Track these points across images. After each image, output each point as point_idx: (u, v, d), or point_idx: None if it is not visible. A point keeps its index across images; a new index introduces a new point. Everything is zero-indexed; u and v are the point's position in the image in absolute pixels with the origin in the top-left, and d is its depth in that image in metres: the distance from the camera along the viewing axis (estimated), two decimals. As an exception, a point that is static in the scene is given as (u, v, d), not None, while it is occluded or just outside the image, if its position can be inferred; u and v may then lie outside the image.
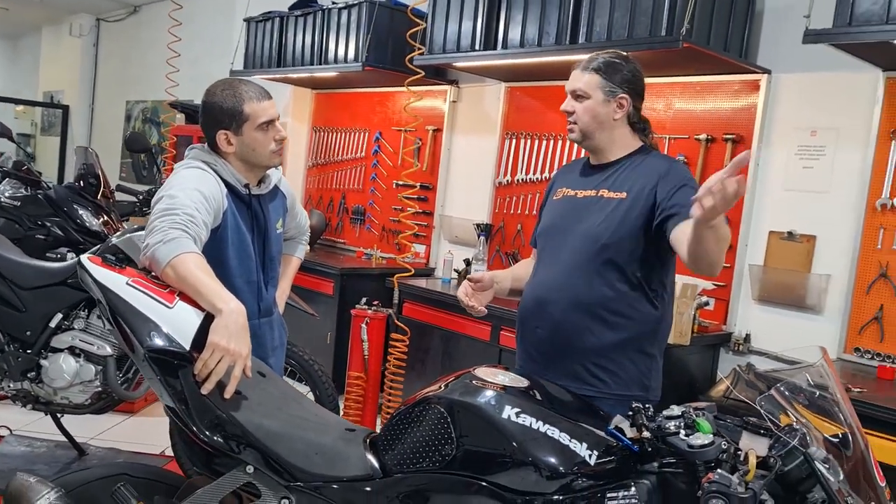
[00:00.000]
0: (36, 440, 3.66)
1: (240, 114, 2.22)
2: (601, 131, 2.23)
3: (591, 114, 2.21)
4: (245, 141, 2.25)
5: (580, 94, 2.22)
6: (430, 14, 4.44)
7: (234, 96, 2.23)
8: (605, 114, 2.21)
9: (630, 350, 2.19)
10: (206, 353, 1.63)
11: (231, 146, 2.25)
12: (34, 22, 10.59)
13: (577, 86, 2.23)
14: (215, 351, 1.64)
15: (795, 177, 3.49)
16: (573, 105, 2.24)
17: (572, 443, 1.54)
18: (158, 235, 1.88)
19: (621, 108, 2.22)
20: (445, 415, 1.59)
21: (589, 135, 2.24)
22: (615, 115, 2.22)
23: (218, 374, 1.62)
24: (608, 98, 2.20)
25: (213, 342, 1.65)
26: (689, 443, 1.51)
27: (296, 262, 2.87)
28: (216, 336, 1.66)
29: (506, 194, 4.70)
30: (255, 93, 2.25)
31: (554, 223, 2.34)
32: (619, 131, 2.25)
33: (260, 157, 2.28)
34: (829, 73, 3.37)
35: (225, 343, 1.65)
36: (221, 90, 2.26)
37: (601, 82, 2.20)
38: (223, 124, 2.24)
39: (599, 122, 2.22)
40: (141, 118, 8.87)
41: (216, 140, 2.25)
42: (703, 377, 3.65)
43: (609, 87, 2.20)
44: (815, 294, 3.38)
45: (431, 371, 4.16)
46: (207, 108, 2.26)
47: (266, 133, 2.25)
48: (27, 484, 1.58)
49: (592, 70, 2.21)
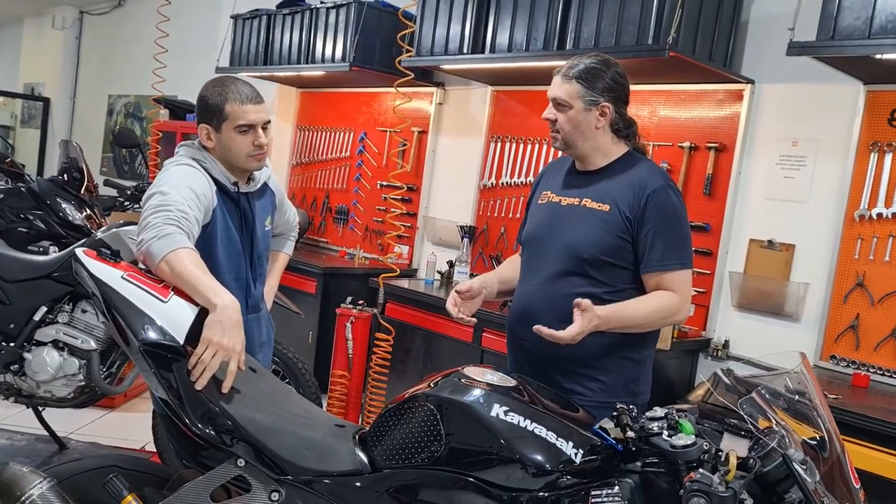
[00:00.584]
0: (16, 433, 3.65)
1: (220, 112, 2.24)
2: (584, 140, 2.21)
3: (573, 123, 2.19)
4: (223, 140, 2.26)
5: (560, 103, 2.19)
6: (418, 16, 4.47)
7: (220, 94, 2.25)
8: (587, 123, 2.18)
9: (617, 358, 2.20)
10: (200, 349, 1.65)
11: (210, 142, 2.28)
12: (16, 13, 10.47)
13: (557, 94, 2.20)
14: (209, 346, 1.66)
15: (776, 186, 3.56)
16: (554, 113, 2.21)
17: (559, 441, 1.58)
18: (153, 231, 1.90)
19: (604, 116, 2.19)
20: (435, 412, 1.62)
21: (572, 143, 2.23)
22: (597, 123, 2.19)
23: (212, 370, 1.64)
24: (589, 107, 2.17)
25: (207, 337, 1.67)
26: (671, 443, 1.55)
27: (283, 258, 2.88)
28: (210, 331, 1.67)
29: (490, 197, 4.74)
30: (242, 95, 2.25)
31: (537, 231, 2.34)
32: (602, 139, 2.22)
33: (236, 159, 2.28)
34: (811, 84, 3.44)
35: (219, 338, 1.67)
36: (213, 85, 2.29)
37: (581, 91, 2.16)
38: (205, 119, 2.27)
39: (581, 131, 2.19)
40: (123, 112, 8.81)
41: (199, 132, 2.29)
42: (681, 382, 3.71)
43: (590, 95, 2.16)
44: (794, 302, 3.45)
45: (413, 371, 4.18)
46: (198, 100, 2.30)
47: (244, 136, 2.25)
48: (20, 473, 1.59)
49: (573, 78, 2.17)
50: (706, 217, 3.76)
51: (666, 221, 2.14)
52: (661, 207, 2.13)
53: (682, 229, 2.19)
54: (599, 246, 2.15)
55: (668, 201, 2.16)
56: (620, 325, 2.10)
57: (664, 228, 2.13)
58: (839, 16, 2.82)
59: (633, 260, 2.17)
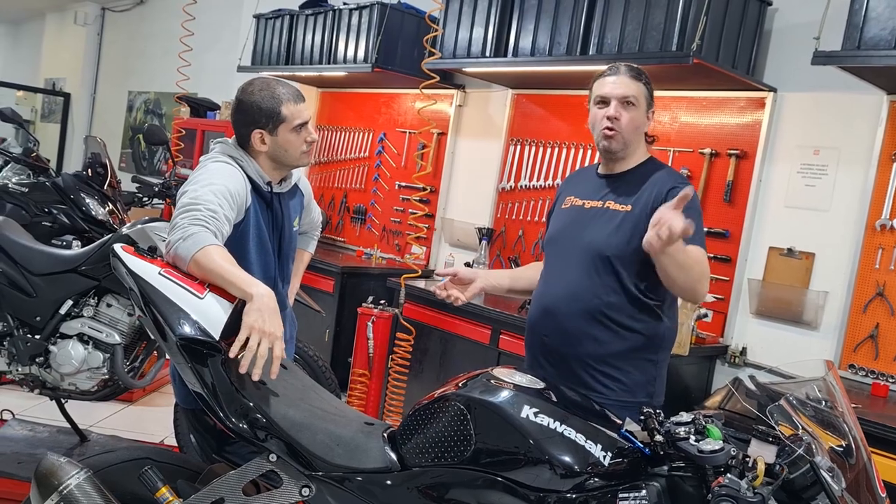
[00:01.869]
0: (38, 425, 3.68)
1: (277, 115, 2.26)
2: (636, 142, 2.27)
3: (636, 123, 2.23)
4: (279, 141, 2.29)
5: (631, 102, 2.20)
6: (442, 19, 4.49)
7: (272, 97, 2.26)
8: (643, 125, 2.26)
9: (635, 358, 2.24)
10: (242, 335, 1.68)
11: (264, 145, 2.29)
12: (38, 8, 10.57)
13: (629, 92, 2.20)
14: (253, 332, 1.69)
15: (797, 194, 3.56)
16: (620, 111, 2.20)
17: (587, 444, 1.59)
18: (179, 233, 1.91)
19: (649, 119, 2.28)
20: (465, 412, 1.64)
21: (628, 144, 2.25)
22: (646, 127, 2.28)
23: (262, 356, 1.67)
24: (647, 110, 2.25)
25: (248, 324, 1.69)
26: (699, 448, 1.56)
27: (307, 256, 2.92)
28: (251, 318, 1.70)
29: (508, 199, 4.75)
30: (292, 95, 2.30)
31: (560, 233, 2.37)
32: (641, 143, 2.31)
33: (290, 158, 2.33)
34: (833, 93, 3.44)
35: (260, 324, 1.70)
36: (259, 90, 2.28)
37: (646, 93, 2.23)
38: (259, 124, 2.26)
39: (638, 132, 2.25)
40: (143, 109, 8.88)
41: (250, 138, 2.28)
42: (698, 388, 3.71)
43: (650, 99, 2.24)
44: (812, 310, 3.45)
45: (429, 371, 4.20)
46: (244, 106, 2.29)
47: (299, 135, 2.30)
48: (57, 464, 1.62)
49: (639, 79, 2.22)
50: (726, 224, 3.77)
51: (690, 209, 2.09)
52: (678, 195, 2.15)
53: (697, 219, 2.16)
54: (623, 245, 2.18)
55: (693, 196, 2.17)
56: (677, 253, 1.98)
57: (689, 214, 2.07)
58: (865, 26, 2.83)
59: None
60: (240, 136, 2.32)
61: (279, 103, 2.26)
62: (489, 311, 3.99)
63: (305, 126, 2.32)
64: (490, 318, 3.97)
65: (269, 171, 2.35)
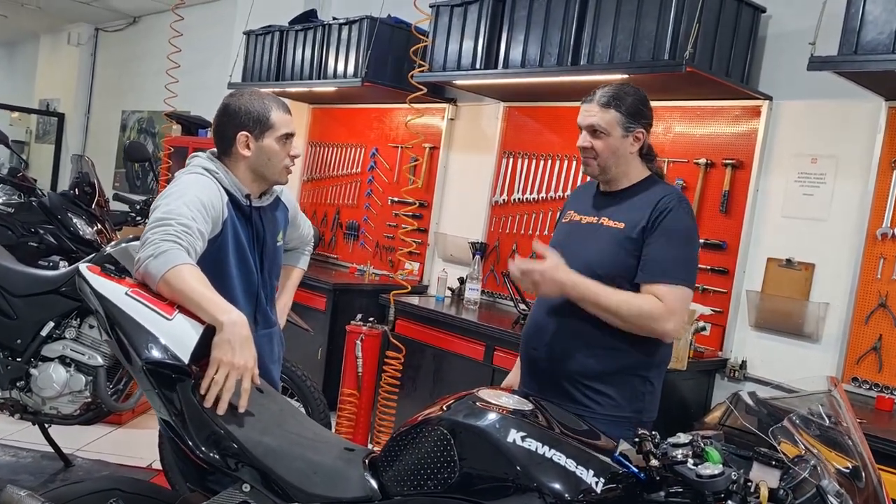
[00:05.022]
0: (21, 450, 3.60)
1: (266, 120, 2.21)
2: (617, 166, 2.25)
3: (611, 150, 2.21)
4: (263, 148, 2.23)
5: (599, 131, 2.21)
6: (431, 32, 4.44)
7: (261, 103, 2.23)
8: (623, 149, 2.22)
9: (625, 375, 2.20)
10: (211, 370, 1.60)
11: (248, 150, 2.22)
12: (32, 30, 10.57)
13: (593, 121, 2.22)
14: (221, 366, 1.60)
15: (795, 204, 3.49)
16: (590, 141, 2.23)
17: (578, 469, 1.51)
18: (150, 249, 1.82)
19: (637, 141, 2.23)
20: (448, 437, 1.55)
21: (607, 170, 2.25)
22: (631, 148, 2.23)
23: (229, 391, 1.58)
24: (626, 134, 2.21)
25: (217, 358, 1.61)
26: (697, 472, 1.48)
27: (298, 273, 2.84)
28: (219, 351, 1.62)
29: (502, 213, 4.68)
30: (280, 104, 2.27)
31: (557, 248, 2.32)
32: (632, 163, 2.27)
33: (272, 170, 2.26)
34: (830, 100, 3.38)
35: (230, 357, 1.61)
36: (248, 95, 2.25)
37: (619, 118, 2.20)
38: (247, 126, 2.21)
39: (617, 157, 2.23)
40: (136, 128, 8.84)
41: (234, 142, 2.21)
42: (697, 403, 3.62)
43: (626, 122, 2.20)
44: (813, 322, 3.37)
45: (423, 390, 4.11)
46: (232, 109, 2.23)
47: (283, 146, 2.25)
48: (17, 498, 1.53)
49: (608, 105, 2.20)
50: (722, 235, 3.70)
51: (673, 238, 2.14)
52: (671, 224, 2.15)
53: (687, 250, 2.19)
54: (612, 263, 2.17)
55: (680, 222, 2.17)
56: (587, 294, 2.09)
57: (668, 244, 2.14)
58: (862, 30, 2.76)
59: None
60: (224, 140, 2.25)
61: (268, 109, 2.23)
62: (482, 328, 3.91)
63: (291, 139, 2.28)
64: (484, 333, 3.89)
65: (248, 183, 2.28)
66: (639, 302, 2.10)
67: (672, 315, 2.10)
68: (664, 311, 2.09)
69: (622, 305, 2.08)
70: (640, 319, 2.09)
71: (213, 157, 2.29)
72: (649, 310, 2.09)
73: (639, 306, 2.09)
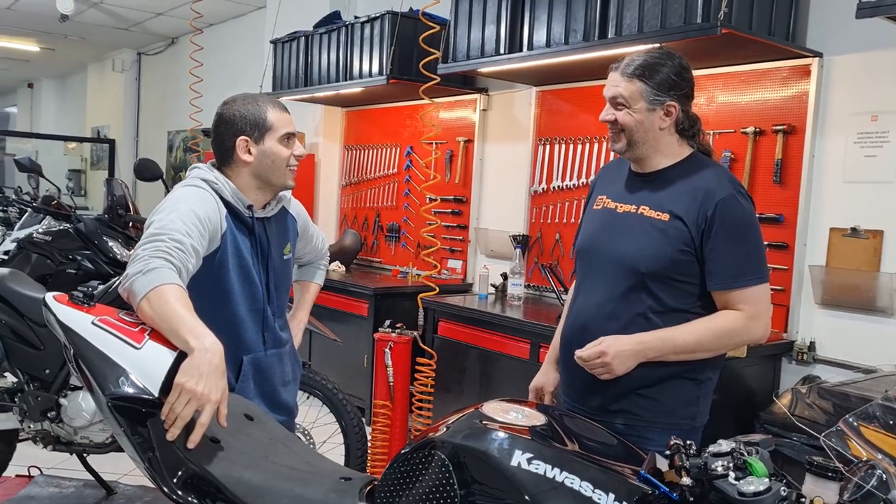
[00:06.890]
0: (64, 479, 3.56)
1: (263, 122, 2.10)
2: (646, 143, 1.99)
3: (635, 123, 1.96)
4: (265, 151, 2.11)
5: (621, 103, 1.97)
6: (452, 21, 4.26)
7: (256, 106, 2.12)
8: (651, 123, 1.96)
9: (675, 378, 1.97)
10: (172, 396, 1.45)
11: (250, 156, 2.11)
12: (80, 60, 10.81)
13: (616, 93, 1.98)
14: (182, 393, 1.46)
15: (856, 167, 3.18)
16: (613, 114, 1.99)
17: (595, 493, 1.30)
18: (139, 265, 1.71)
19: (669, 115, 1.97)
20: (447, 462, 1.36)
21: (634, 146, 2.00)
22: (662, 123, 1.97)
23: (184, 420, 1.43)
24: (653, 107, 1.95)
25: (179, 383, 1.47)
26: (739, 489, 1.25)
27: (314, 288, 2.69)
28: (183, 377, 1.47)
29: (542, 203, 4.46)
30: (276, 104, 2.16)
31: (591, 241, 2.13)
32: (666, 140, 2.00)
33: (276, 173, 2.14)
34: (886, 51, 3.06)
35: (192, 385, 1.46)
36: (241, 100, 2.15)
37: (644, 89, 1.94)
38: (245, 132, 2.10)
39: (645, 131, 1.97)
40: (182, 147, 8.92)
41: (234, 149, 2.11)
42: (763, 391, 3.34)
43: (654, 94, 1.94)
44: (886, 295, 3.06)
45: (470, 392, 3.94)
46: (226, 117, 2.12)
47: (286, 146, 2.13)
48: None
49: (633, 75, 1.95)
50: (778, 207, 3.40)
51: (736, 232, 1.90)
52: (730, 217, 1.90)
53: (754, 239, 1.96)
54: (658, 259, 1.93)
55: (739, 210, 1.92)
56: (663, 348, 1.90)
57: (735, 240, 1.90)
58: (915, -34, 2.46)
59: (700, 274, 1.94)
60: (223, 150, 2.13)
61: (264, 111, 2.12)
62: (526, 324, 3.72)
63: (293, 138, 2.16)
64: (528, 331, 3.70)
65: (252, 191, 2.15)
66: (717, 324, 1.92)
67: (757, 319, 1.92)
68: (746, 319, 1.91)
69: (702, 338, 1.91)
70: (726, 341, 1.94)
71: (214, 167, 2.16)
72: (731, 328, 1.92)
73: (718, 329, 1.92)
